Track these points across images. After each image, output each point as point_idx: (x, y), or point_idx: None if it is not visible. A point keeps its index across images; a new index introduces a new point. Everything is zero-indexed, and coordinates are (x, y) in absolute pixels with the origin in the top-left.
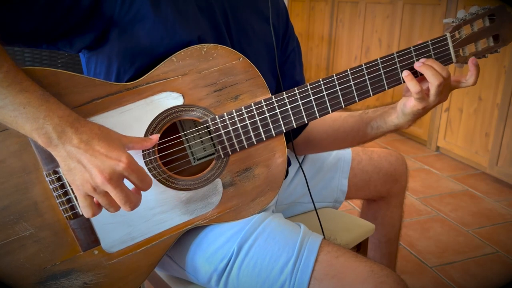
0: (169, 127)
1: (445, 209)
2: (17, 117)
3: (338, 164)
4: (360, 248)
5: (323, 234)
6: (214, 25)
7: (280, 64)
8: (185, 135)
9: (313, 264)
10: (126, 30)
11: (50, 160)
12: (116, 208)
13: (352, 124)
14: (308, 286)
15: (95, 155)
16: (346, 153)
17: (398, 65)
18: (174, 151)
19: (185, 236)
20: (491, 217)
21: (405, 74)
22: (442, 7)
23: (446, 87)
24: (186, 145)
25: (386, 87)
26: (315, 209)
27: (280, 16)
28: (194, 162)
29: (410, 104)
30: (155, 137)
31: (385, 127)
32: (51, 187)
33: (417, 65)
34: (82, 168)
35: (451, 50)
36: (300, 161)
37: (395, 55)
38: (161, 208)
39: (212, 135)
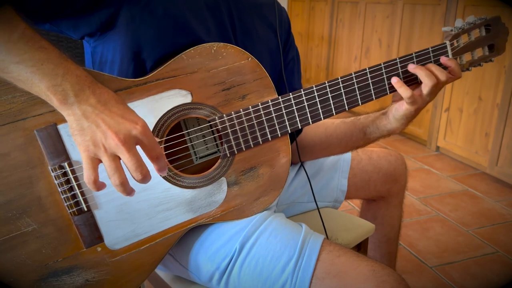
0: (174, 124)
1: (445, 209)
2: (34, 73)
3: (338, 164)
4: (360, 248)
5: (326, 233)
6: (220, 24)
7: (280, 72)
8: (188, 133)
9: (314, 263)
10: (134, 19)
11: (56, 154)
12: (121, 176)
13: (344, 130)
14: (310, 285)
15: (111, 116)
16: (346, 153)
17: (400, 70)
18: (177, 150)
19: (187, 234)
20: (491, 217)
21: (394, 81)
22: (442, 7)
23: (438, 88)
24: (189, 144)
25: (388, 91)
26: (318, 209)
27: (282, 24)
28: (196, 160)
29: (402, 108)
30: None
31: (377, 132)
32: (56, 182)
33: (411, 67)
34: (96, 128)
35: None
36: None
37: (398, 60)
38: (166, 205)
39: (215, 135)
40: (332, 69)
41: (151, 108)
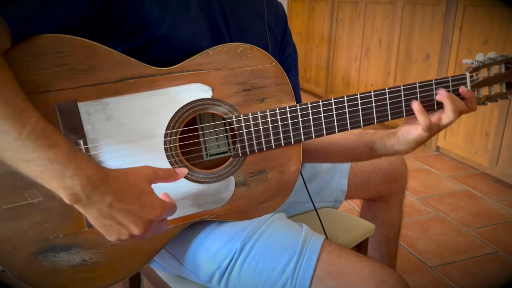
0: (191, 118)
1: (445, 209)
2: (43, 173)
3: (338, 164)
4: (360, 248)
5: (325, 234)
6: (213, 26)
7: None
8: (202, 129)
9: (315, 264)
10: (132, 35)
11: (73, 131)
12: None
13: (350, 141)
14: (310, 286)
15: (129, 211)
16: None
17: (418, 95)
18: (189, 144)
19: (189, 233)
20: (491, 217)
21: (416, 107)
22: (442, 7)
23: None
24: (201, 139)
25: (404, 114)
26: (316, 210)
27: (278, 21)
28: (206, 157)
29: (415, 133)
30: (183, 171)
31: (383, 150)
32: None
33: (443, 95)
34: (118, 225)
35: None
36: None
37: (417, 84)
38: (172, 196)
39: (228, 134)
40: (332, 69)
41: (172, 99)
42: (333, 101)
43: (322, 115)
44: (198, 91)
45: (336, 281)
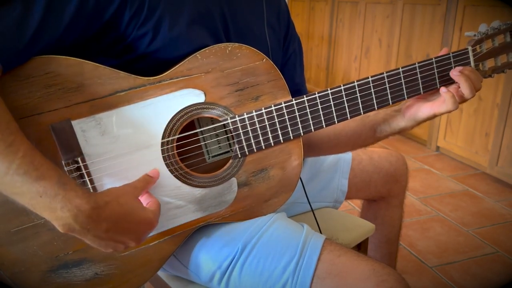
0: (187, 123)
1: (445, 209)
2: (34, 205)
3: (338, 164)
4: (360, 248)
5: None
6: (212, 32)
7: (281, 67)
8: (201, 132)
9: (315, 263)
10: (131, 48)
11: (69, 149)
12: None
13: (354, 128)
14: (311, 285)
15: (127, 230)
16: (346, 153)
17: (419, 75)
18: (190, 148)
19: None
20: (491, 217)
21: (444, 90)
22: (442, 7)
23: None
24: (202, 143)
25: (405, 96)
26: (313, 212)
27: (281, 17)
28: (209, 159)
29: (426, 111)
30: (155, 171)
31: (389, 130)
32: None
33: (456, 74)
34: (115, 244)
35: (472, 64)
36: None
37: (417, 65)
38: (176, 203)
39: (228, 135)
40: (332, 69)
41: (164, 107)
42: (330, 91)
43: (320, 107)
44: (190, 96)
45: (337, 281)
